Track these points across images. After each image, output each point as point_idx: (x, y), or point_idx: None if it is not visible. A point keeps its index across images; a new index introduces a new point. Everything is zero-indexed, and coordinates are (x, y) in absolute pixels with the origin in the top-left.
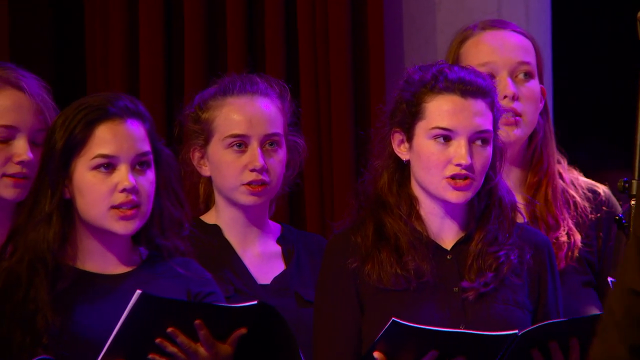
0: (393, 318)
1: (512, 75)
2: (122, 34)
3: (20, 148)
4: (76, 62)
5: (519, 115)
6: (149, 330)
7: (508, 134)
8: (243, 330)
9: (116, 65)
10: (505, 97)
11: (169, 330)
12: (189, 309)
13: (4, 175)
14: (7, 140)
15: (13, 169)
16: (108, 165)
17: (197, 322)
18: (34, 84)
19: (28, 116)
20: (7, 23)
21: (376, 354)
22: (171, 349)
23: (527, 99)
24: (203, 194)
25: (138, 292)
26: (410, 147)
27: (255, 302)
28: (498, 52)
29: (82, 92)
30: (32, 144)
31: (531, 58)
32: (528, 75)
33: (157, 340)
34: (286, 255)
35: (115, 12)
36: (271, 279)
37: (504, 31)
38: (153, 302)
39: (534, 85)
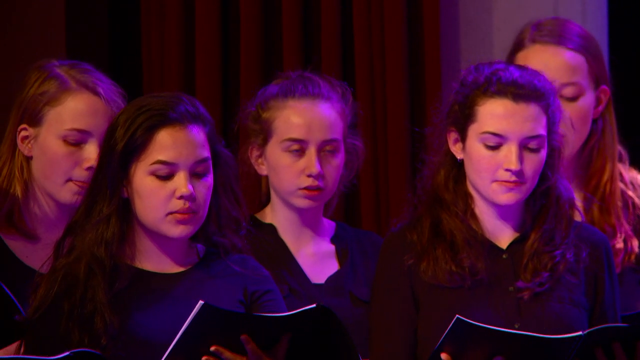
0: (457, 315)
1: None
2: (178, 32)
3: (92, 153)
4: (132, 61)
5: (563, 135)
6: (209, 340)
7: None
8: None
9: (172, 64)
10: None
11: (213, 349)
12: (250, 320)
13: (70, 179)
14: (79, 144)
15: (81, 174)
16: (167, 171)
17: (243, 336)
18: (111, 90)
19: (102, 122)
20: (64, 21)
21: (443, 356)
22: (227, 355)
23: (572, 119)
24: (265, 188)
25: (200, 302)
26: (464, 147)
27: (314, 305)
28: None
29: (139, 92)
30: None
31: (579, 76)
32: (573, 95)
33: (204, 358)
34: (340, 255)
35: (171, 11)
36: (325, 279)
37: (552, 48)
38: (214, 313)
39: (581, 103)
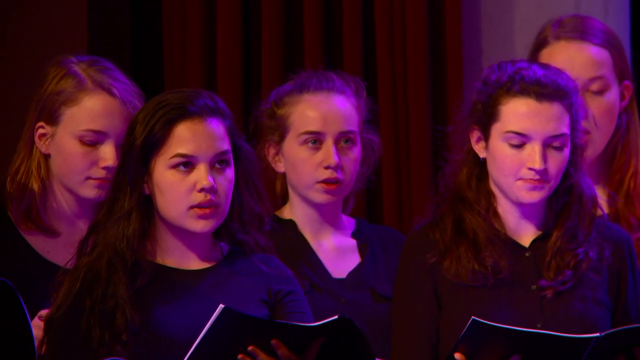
0: (473, 317)
1: (582, 91)
2: (200, 31)
3: (108, 153)
4: (154, 60)
5: (587, 132)
6: (229, 343)
7: None
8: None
9: (194, 63)
10: None
11: (250, 348)
12: (269, 327)
13: (89, 178)
14: (95, 144)
15: (98, 173)
16: (187, 164)
17: (273, 341)
18: (127, 91)
19: (118, 122)
20: (86, 22)
21: (457, 355)
22: (263, 357)
23: (597, 116)
24: (280, 189)
25: (221, 306)
26: (487, 146)
27: (336, 317)
28: (568, 70)
29: (160, 91)
30: (120, 149)
31: (605, 70)
32: (600, 90)
33: (240, 356)
34: (361, 249)
35: (193, 14)
36: (346, 273)
37: (577, 43)
38: (235, 317)
39: (607, 98)
